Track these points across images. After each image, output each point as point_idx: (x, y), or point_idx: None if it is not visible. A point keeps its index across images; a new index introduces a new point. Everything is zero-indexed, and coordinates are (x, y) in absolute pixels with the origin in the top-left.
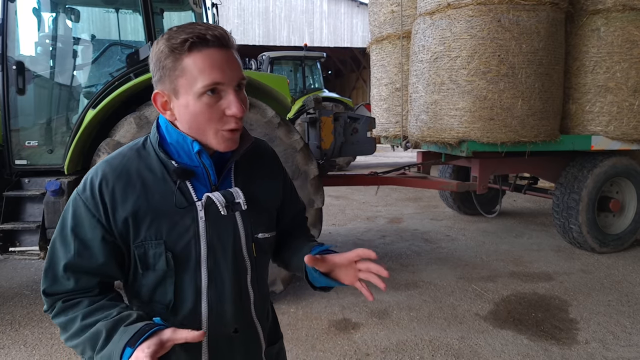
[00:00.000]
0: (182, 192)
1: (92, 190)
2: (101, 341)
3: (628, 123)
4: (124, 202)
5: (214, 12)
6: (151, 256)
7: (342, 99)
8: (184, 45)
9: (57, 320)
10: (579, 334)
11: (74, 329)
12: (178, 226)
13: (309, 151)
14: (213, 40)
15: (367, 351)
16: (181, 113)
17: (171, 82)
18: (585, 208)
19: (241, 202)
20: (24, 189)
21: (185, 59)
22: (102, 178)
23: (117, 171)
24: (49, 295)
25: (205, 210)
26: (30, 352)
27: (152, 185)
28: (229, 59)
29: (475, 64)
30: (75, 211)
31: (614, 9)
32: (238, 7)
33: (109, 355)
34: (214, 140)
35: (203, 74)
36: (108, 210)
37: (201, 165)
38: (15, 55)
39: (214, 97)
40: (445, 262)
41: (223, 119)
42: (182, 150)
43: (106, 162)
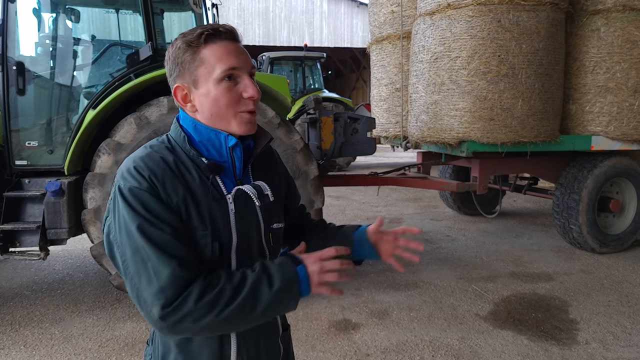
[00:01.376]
0: (213, 186)
1: (147, 181)
2: (265, 283)
3: (628, 123)
4: (175, 192)
5: (214, 13)
6: (199, 245)
7: (342, 99)
8: (200, 38)
9: (203, 301)
10: (579, 334)
11: (228, 295)
12: (216, 218)
13: (309, 151)
14: (225, 32)
15: (367, 351)
16: (202, 102)
17: (190, 74)
18: (586, 208)
19: (269, 194)
20: (24, 189)
21: (202, 50)
22: (150, 171)
23: (160, 165)
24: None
25: (235, 203)
26: (31, 353)
27: (189, 179)
28: (241, 49)
29: (476, 65)
30: (144, 203)
31: (614, 9)
32: (238, 7)
33: (287, 282)
34: (234, 123)
35: (220, 61)
36: (165, 197)
37: (229, 160)
38: (15, 56)
39: (231, 82)
40: (445, 263)
41: (241, 102)
42: (213, 146)
43: (144, 157)
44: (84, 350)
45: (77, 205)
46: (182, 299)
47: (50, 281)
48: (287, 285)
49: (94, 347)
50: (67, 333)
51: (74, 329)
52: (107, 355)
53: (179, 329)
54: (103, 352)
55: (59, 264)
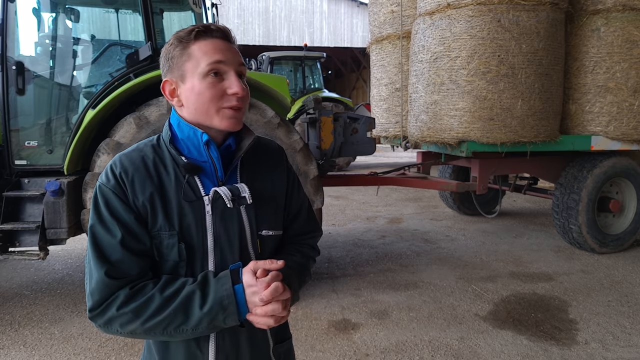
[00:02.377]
0: (191, 186)
1: (115, 179)
2: (198, 299)
3: (628, 123)
4: (142, 191)
5: (214, 12)
6: (165, 246)
7: (342, 99)
8: (191, 34)
9: (127, 308)
10: (578, 334)
11: (155, 305)
12: (188, 219)
13: (309, 151)
14: (216, 31)
15: (367, 351)
16: (187, 96)
17: (178, 68)
18: (585, 208)
19: (247, 197)
20: (23, 189)
21: (191, 46)
22: (121, 168)
23: (135, 163)
24: (112, 282)
25: (212, 205)
26: (30, 353)
27: (165, 179)
28: (230, 48)
29: (475, 64)
30: (106, 201)
31: (614, 9)
32: (238, 7)
33: (219, 302)
34: (217, 118)
35: (206, 55)
36: (131, 196)
37: (209, 160)
38: (15, 56)
39: (216, 79)
40: (445, 263)
41: (224, 98)
42: (192, 145)
43: (124, 154)
44: (84, 350)
45: (77, 205)
46: (107, 304)
47: (50, 281)
48: (219, 306)
49: (94, 347)
50: (67, 333)
51: (74, 329)
52: (106, 355)
53: (110, 330)
54: (102, 352)
55: (58, 263)
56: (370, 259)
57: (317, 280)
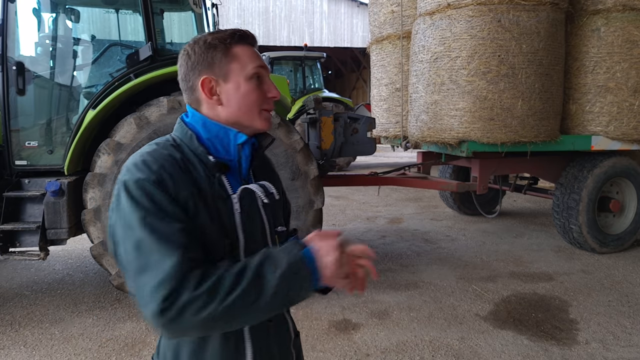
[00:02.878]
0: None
1: (155, 173)
2: (270, 267)
3: (628, 123)
4: (184, 186)
5: (214, 13)
6: (210, 243)
7: (342, 99)
8: (234, 37)
9: (200, 290)
10: (579, 334)
11: (228, 281)
12: (222, 217)
13: (309, 151)
14: (252, 38)
15: (367, 351)
16: (230, 96)
17: (221, 67)
18: (586, 208)
19: (274, 193)
20: (24, 189)
21: (235, 48)
22: (159, 164)
23: (169, 161)
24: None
25: (240, 203)
26: (30, 353)
27: (196, 176)
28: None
29: (476, 64)
30: (151, 195)
31: (614, 9)
32: (238, 7)
33: (291, 266)
34: (259, 118)
35: (252, 59)
36: (173, 190)
37: (236, 158)
38: (15, 56)
39: (258, 82)
40: (445, 263)
41: (265, 100)
42: (221, 144)
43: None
44: (84, 350)
45: (77, 206)
46: (180, 289)
47: (50, 281)
48: (291, 271)
49: (94, 347)
50: (67, 333)
51: (74, 329)
52: (107, 356)
53: (180, 324)
54: (103, 352)
55: (59, 264)
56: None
57: None
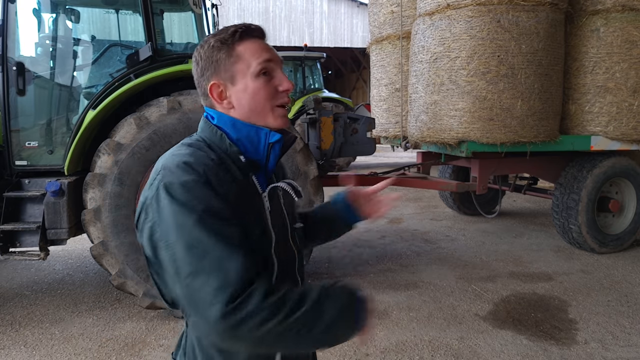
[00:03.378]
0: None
1: (203, 174)
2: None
3: (627, 123)
4: (228, 186)
5: (214, 13)
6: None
7: (342, 99)
8: (235, 35)
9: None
10: (578, 334)
11: (292, 301)
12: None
13: (309, 152)
14: (256, 30)
15: (367, 351)
16: (239, 98)
17: (226, 70)
18: (585, 208)
19: (300, 190)
20: (24, 189)
21: (237, 47)
22: (203, 165)
23: (208, 162)
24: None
25: (270, 201)
26: (31, 353)
27: (236, 175)
28: (270, 46)
29: (475, 65)
30: (200, 195)
31: (614, 9)
32: (238, 7)
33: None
34: (271, 117)
35: (255, 55)
36: (222, 190)
37: (264, 157)
38: (15, 56)
39: (267, 77)
40: (445, 263)
41: (277, 95)
42: (250, 143)
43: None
44: (84, 350)
45: (77, 206)
46: (247, 295)
47: (50, 281)
48: (349, 308)
49: (94, 347)
50: (67, 333)
51: (74, 329)
52: (107, 356)
53: (239, 333)
54: (103, 352)
55: (59, 264)
56: (370, 259)
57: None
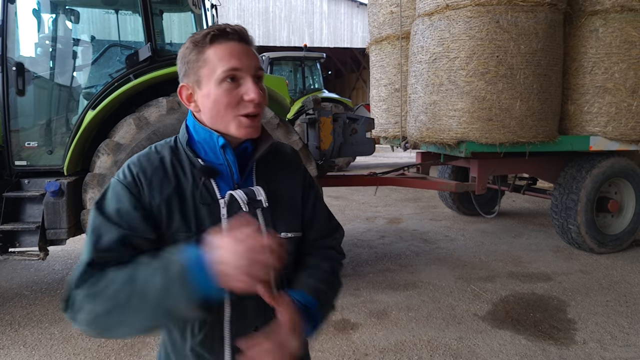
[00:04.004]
0: (207, 189)
1: (132, 176)
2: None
3: (626, 124)
4: (160, 192)
5: (214, 13)
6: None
7: (342, 99)
8: (206, 38)
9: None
10: (576, 334)
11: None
12: (205, 222)
13: (308, 152)
14: (232, 33)
15: (366, 351)
16: (204, 102)
17: (194, 73)
18: (584, 208)
19: (262, 200)
20: (23, 189)
21: (207, 50)
22: (139, 168)
23: (154, 164)
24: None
25: (228, 208)
26: (30, 353)
27: (183, 180)
28: (247, 51)
29: (474, 65)
30: (118, 196)
31: (612, 9)
32: (238, 7)
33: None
34: (233, 125)
35: (222, 61)
36: (146, 195)
37: (225, 163)
38: (15, 57)
39: (233, 84)
40: (444, 263)
41: (241, 104)
42: (209, 147)
43: (142, 155)
44: (83, 350)
45: (77, 206)
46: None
47: (50, 281)
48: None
49: (93, 347)
50: (67, 333)
51: (73, 329)
52: (106, 356)
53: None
54: (102, 352)
55: (58, 264)
56: (370, 259)
57: None
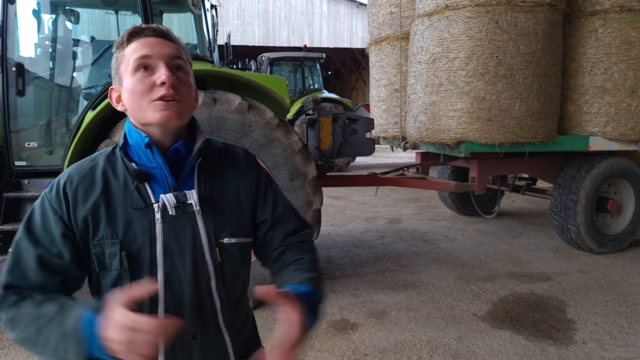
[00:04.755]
0: (140, 194)
1: (57, 190)
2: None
3: (626, 124)
4: (84, 201)
5: (213, 14)
6: (107, 255)
7: (342, 99)
8: (124, 38)
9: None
10: (576, 334)
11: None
12: (135, 227)
13: (308, 152)
14: (148, 30)
15: (365, 351)
16: (126, 98)
17: (117, 73)
18: (583, 209)
19: (193, 204)
20: (23, 190)
21: (125, 49)
22: (67, 179)
23: (82, 173)
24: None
25: (162, 212)
26: (30, 353)
27: (114, 187)
28: (163, 43)
29: (474, 65)
30: (42, 209)
31: (612, 10)
32: (238, 7)
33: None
34: (149, 112)
35: (134, 52)
36: (70, 208)
37: (159, 166)
38: (15, 57)
39: (146, 73)
40: (443, 263)
41: (154, 89)
42: (141, 150)
43: (76, 164)
44: None
45: None
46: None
47: None
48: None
49: None
50: None
51: None
52: None
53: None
54: None
55: None
56: (369, 259)
57: None
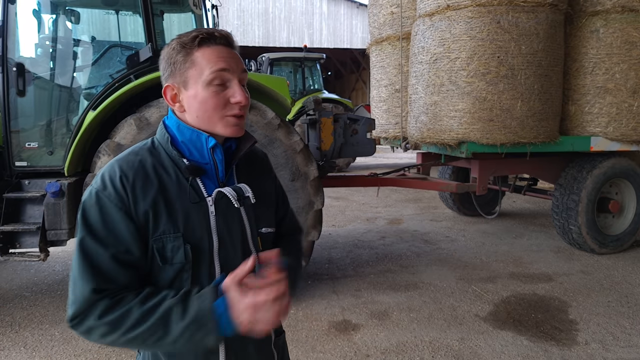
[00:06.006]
0: (193, 188)
1: (114, 186)
2: (178, 314)
3: (627, 124)
4: (144, 196)
5: (214, 14)
6: (169, 249)
7: (342, 100)
8: (195, 40)
9: (105, 319)
10: (578, 334)
11: (133, 318)
12: (192, 220)
13: (309, 152)
14: (220, 37)
15: (367, 352)
16: (190, 103)
17: (181, 74)
18: (585, 209)
19: (250, 196)
20: (24, 190)
21: (195, 52)
22: (121, 174)
23: (134, 168)
24: (97, 296)
25: (216, 205)
26: (31, 354)
27: (167, 181)
28: (234, 55)
29: (475, 65)
30: (99, 208)
31: (613, 10)
32: (238, 8)
33: (198, 318)
34: (220, 125)
35: (210, 64)
36: (131, 203)
37: (211, 162)
38: (15, 57)
39: (219, 87)
40: (445, 263)
41: (228, 106)
42: (194, 147)
43: (120, 159)
44: (84, 351)
45: (77, 207)
46: (86, 314)
47: (50, 282)
48: (197, 323)
49: (94, 348)
50: (67, 334)
51: None
52: (107, 357)
53: (91, 338)
54: (103, 353)
55: (58, 265)
56: (371, 259)
57: (317, 281)
